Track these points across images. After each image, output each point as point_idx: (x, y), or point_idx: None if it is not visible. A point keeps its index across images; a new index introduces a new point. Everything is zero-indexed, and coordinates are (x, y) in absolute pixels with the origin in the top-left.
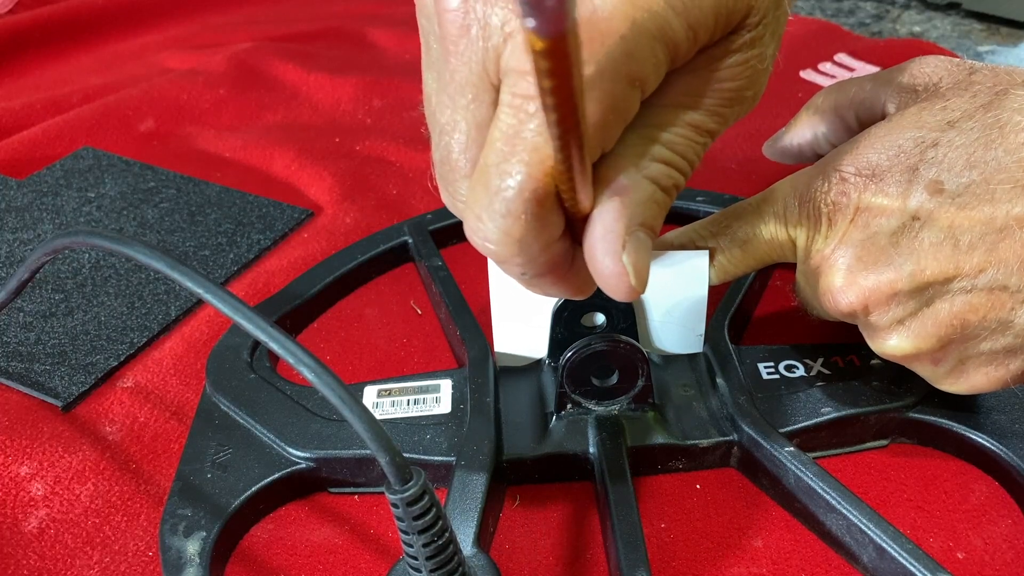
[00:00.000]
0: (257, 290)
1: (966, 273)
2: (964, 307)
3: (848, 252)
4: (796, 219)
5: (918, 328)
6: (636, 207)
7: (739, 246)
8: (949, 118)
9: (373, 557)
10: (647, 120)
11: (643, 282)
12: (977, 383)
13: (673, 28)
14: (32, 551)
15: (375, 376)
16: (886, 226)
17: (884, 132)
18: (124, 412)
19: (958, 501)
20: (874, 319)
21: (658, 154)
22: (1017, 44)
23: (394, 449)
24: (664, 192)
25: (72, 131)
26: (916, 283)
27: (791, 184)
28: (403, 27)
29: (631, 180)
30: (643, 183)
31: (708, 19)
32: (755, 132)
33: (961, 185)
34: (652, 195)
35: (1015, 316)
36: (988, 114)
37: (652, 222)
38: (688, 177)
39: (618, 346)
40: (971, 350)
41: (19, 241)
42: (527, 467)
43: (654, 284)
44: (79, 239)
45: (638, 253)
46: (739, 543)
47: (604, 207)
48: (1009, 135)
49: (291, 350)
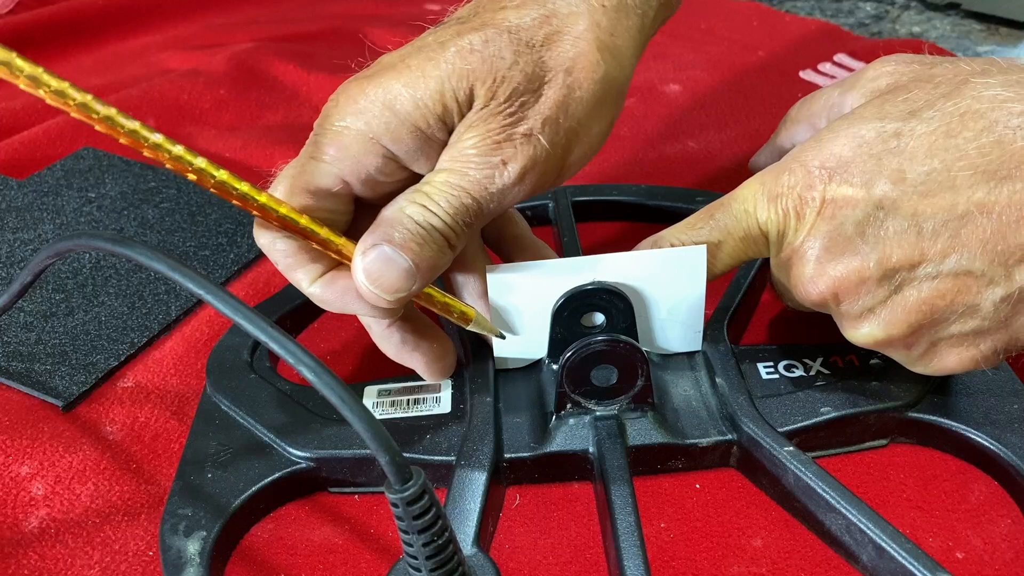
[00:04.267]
0: (257, 290)
1: (931, 259)
2: (932, 292)
3: (817, 243)
4: (766, 214)
5: (888, 315)
6: (385, 228)
7: (715, 245)
8: (911, 108)
9: (373, 557)
10: (420, 180)
11: (381, 286)
12: (949, 364)
13: (402, 99)
14: (32, 551)
15: (375, 376)
16: (852, 216)
17: (847, 124)
18: (124, 412)
19: (957, 501)
20: (845, 308)
21: (414, 197)
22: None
23: (394, 449)
24: (415, 223)
25: (72, 131)
26: (883, 270)
27: (759, 181)
28: (403, 27)
29: (389, 211)
30: (397, 212)
31: (434, 94)
32: (755, 132)
33: (923, 173)
34: (402, 221)
35: (981, 299)
36: (949, 102)
37: (402, 244)
38: (447, 222)
39: (617, 346)
40: (941, 333)
41: (19, 241)
42: (527, 467)
43: (652, 281)
44: (81, 242)
45: (376, 258)
46: (739, 543)
47: (368, 231)
48: (969, 122)
49: (291, 350)
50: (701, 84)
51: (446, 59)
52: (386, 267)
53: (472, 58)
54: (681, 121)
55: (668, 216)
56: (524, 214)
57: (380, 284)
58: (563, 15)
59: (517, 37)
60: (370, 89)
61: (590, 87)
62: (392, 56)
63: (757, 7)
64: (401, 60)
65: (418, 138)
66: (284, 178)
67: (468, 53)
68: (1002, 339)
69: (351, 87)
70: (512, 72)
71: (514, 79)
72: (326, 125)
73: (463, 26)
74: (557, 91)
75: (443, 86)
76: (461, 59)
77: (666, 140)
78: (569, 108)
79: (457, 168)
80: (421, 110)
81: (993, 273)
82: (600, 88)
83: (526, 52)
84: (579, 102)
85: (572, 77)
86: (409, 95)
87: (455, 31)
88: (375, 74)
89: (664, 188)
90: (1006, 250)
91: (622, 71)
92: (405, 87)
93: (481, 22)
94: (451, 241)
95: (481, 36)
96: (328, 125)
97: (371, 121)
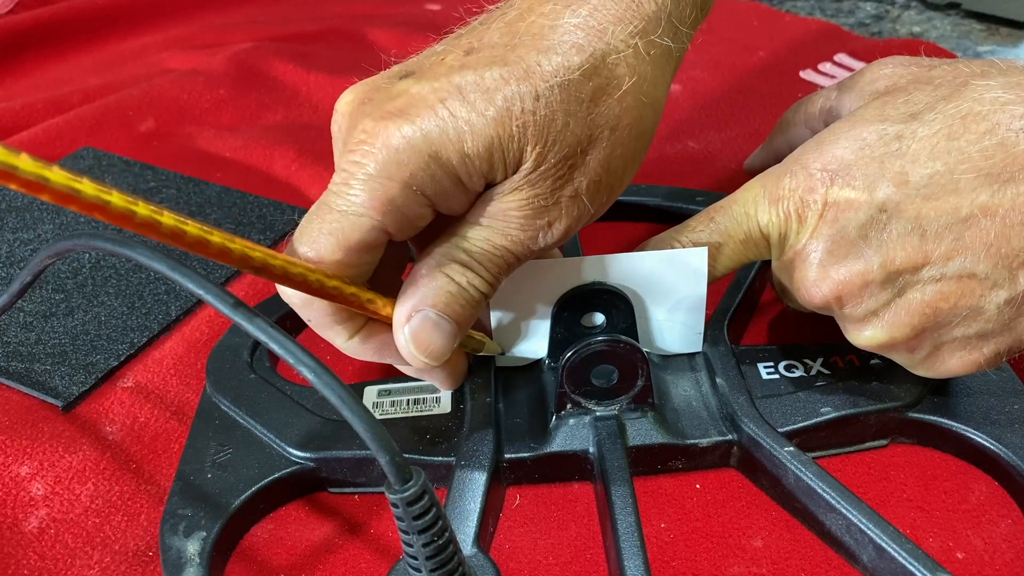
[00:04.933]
0: (257, 290)
1: (935, 262)
2: (935, 296)
3: (819, 246)
4: (767, 217)
5: (891, 318)
6: (427, 291)
7: (715, 247)
8: (912, 110)
9: (373, 557)
10: (454, 232)
11: (429, 354)
12: (952, 367)
13: (447, 151)
14: (32, 551)
15: (375, 376)
16: (854, 219)
17: (848, 127)
18: (124, 412)
19: (958, 501)
20: (848, 311)
21: (455, 256)
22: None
23: (394, 449)
24: (458, 285)
25: (72, 131)
26: (887, 274)
27: (760, 184)
28: (403, 27)
29: (427, 270)
30: (437, 274)
31: (482, 152)
32: (754, 133)
33: (925, 176)
34: (444, 285)
35: (985, 302)
36: (950, 105)
37: (446, 308)
38: (488, 281)
39: (618, 346)
40: (945, 336)
41: (19, 241)
42: (527, 467)
43: (653, 282)
44: (81, 242)
45: (422, 327)
46: (739, 543)
47: (402, 291)
48: (971, 125)
49: (291, 350)
50: (701, 84)
51: (496, 116)
52: (432, 332)
53: (524, 119)
54: (681, 121)
55: (668, 216)
56: None
57: (427, 350)
58: (610, 65)
59: (567, 93)
60: (411, 135)
61: (631, 144)
62: (422, 86)
63: (757, 7)
64: (440, 100)
65: (457, 187)
66: (324, 235)
67: (519, 113)
68: (1005, 342)
69: (388, 130)
70: (563, 135)
71: (565, 143)
72: (360, 174)
73: (506, 69)
74: (603, 152)
75: (492, 145)
76: (511, 119)
77: (666, 140)
78: (611, 166)
79: (499, 228)
80: (467, 166)
81: (997, 276)
82: (640, 144)
83: (576, 111)
84: (620, 159)
85: (616, 135)
86: (456, 150)
87: (499, 74)
88: (409, 113)
89: (664, 188)
90: (1010, 253)
91: (656, 119)
92: (452, 141)
93: (526, 68)
94: (488, 296)
95: (531, 91)
96: (365, 174)
97: (416, 173)
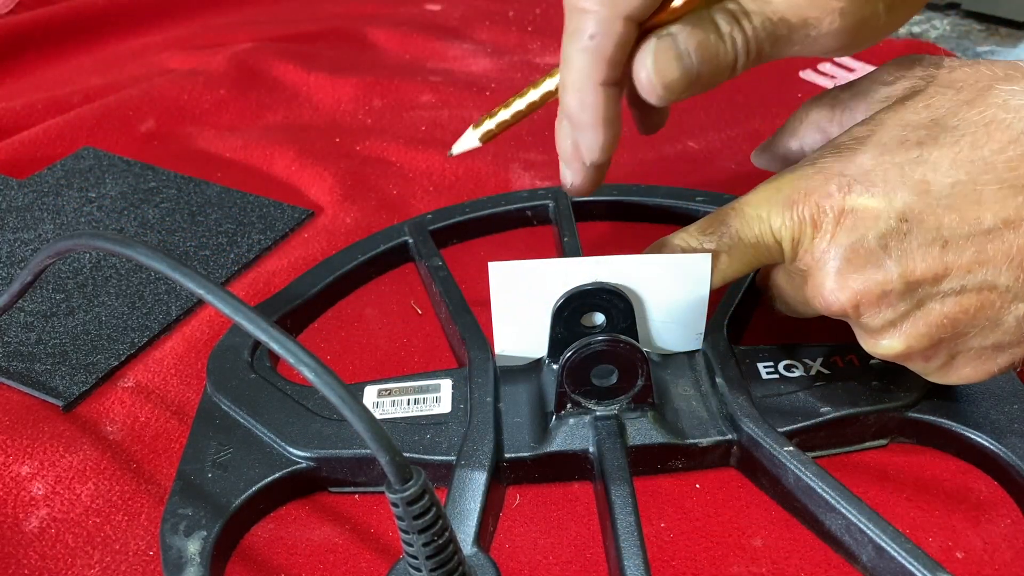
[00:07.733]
0: (257, 290)
1: (955, 274)
2: (955, 307)
3: (837, 254)
4: (781, 221)
5: (910, 329)
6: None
7: (725, 251)
8: (933, 116)
9: (373, 557)
10: None
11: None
12: (966, 376)
13: None
14: (33, 550)
15: (375, 376)
16: (874, 228)
17: (867, 132)
18: (125, 412)
19: (957, 501)
20: (865, 320)
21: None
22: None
23: (394, 449)
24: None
25: (73, 131)
26: (906, 284)
27: (775, 187)
28: (403, 27)
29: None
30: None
31: None
32: (754, 133)
33: (948, 185)
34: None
35: (1004, 314)
36: (973, 111)
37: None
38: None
39: (618, 346)
40: (960, 347)
41: (20, 241)
42: (527, 467)
43: (655, 285)
44: (82, 241)
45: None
46: (739, 543)
47: None
48: (995, 134)
49: (291, 350)
50: None
51: None
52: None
53: None
54: (681, 121)
55: (668, 216)
56: (524, 214)
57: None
58: None
59: None
60: None
61: None
62: None
63: None
64: None
65: None
66: None
67: None
68: (1020, 352)
69: None
70: None
71: None
72: None
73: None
74: None
75: None
76: None
77: (666, 140)
78: None
79: None
80: None
81: (1018, 289)
82: None
83: None
84: None
85: None
86: None
87: None
88: None
89: (664, 188)
90: None
91: None
92: None
93: None
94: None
95: None
96: None
97: None
